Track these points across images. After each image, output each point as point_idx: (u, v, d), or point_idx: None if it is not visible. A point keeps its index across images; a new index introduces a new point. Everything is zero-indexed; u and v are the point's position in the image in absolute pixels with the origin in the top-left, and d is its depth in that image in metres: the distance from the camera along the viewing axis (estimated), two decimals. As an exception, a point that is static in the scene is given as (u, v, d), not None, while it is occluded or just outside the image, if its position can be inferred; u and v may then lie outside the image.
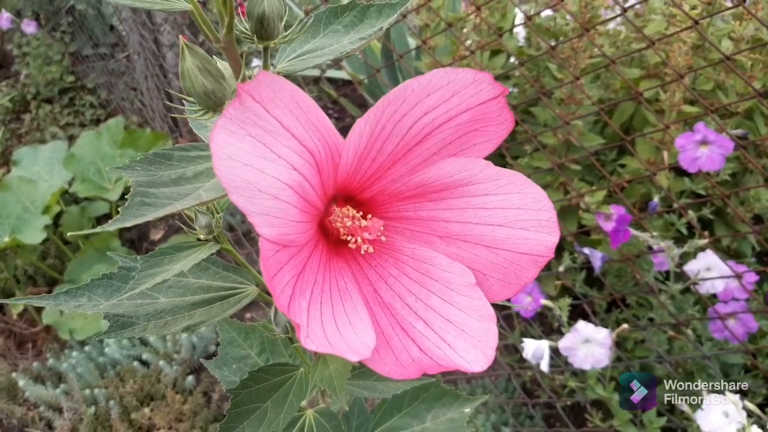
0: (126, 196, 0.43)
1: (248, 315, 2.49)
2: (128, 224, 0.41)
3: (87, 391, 2.16)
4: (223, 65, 0.54)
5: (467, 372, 0.47)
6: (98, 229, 0.40)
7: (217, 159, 0.40)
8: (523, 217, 0.49)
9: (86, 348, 2.32)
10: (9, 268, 2.56)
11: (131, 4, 0.46)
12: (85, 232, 0.44)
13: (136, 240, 2.90)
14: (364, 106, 3.03)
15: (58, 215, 2.64)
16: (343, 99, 2.73)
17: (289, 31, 0.53)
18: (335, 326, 0.46)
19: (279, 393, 0.63)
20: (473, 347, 0.48)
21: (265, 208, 0.42)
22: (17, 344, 2.61)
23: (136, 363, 2.27)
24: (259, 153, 0.42)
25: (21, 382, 2.21)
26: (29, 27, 3.36)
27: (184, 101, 0.53)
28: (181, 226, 0.64)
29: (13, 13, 3.64)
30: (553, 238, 0.50)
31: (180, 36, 0.47)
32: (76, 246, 2.74)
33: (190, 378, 2.20)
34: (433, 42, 1.95)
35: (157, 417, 2.10)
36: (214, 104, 0.49)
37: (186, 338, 2.29)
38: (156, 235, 2.90)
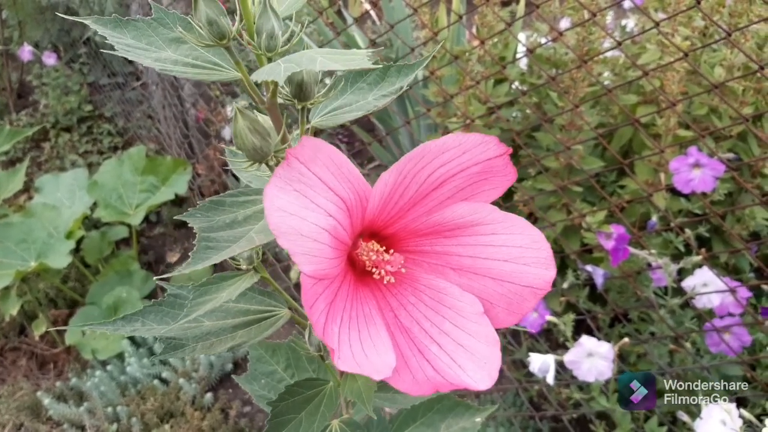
0: (194, 242, 0.52)
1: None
2: (198, 267, 0.49)
3: (109, 409, 2.23)
4: (264, 118, 0.63)
5: (474, 390, 0.55)
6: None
7: (268, 210, 0.49)
8: (525, 254, 0.57)
9: (108, 367, 2.40)
10: (32, 291, 2.65)
11: (193, 78, 0.55)
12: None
13: (153, 263, 2.99)
14: (372, 131, 3.13)
15: (80, 240, 2.74)
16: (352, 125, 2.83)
17: (321, 93, 0.62)
18: (362, 348, 0.54)
19: (312, 405, 0.71)
20: (480, 368, 0.55)
21: (306, 249, 0.51)
22: (39, 365, 2.69)
23: (156, 381, 2.34)
24: (302, 204, 0.50)
25: (45, 401, 2.28)
26: (50, 59, 3.48)
27: (225, 153, 0.62)
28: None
29: (31, 45, 3.77)
30: (551, 273, 0.58)
31: (235, 102, 0.56)
32: (95, 269, 2.83)
33: (209, 395, 2.28)
34: (440, 72, 2.05)
35: (178, 433, 2.17)
36: (260, 157, 0.58)
37: (204, 357, 2.36)
38: (173, 258, 2.99)
